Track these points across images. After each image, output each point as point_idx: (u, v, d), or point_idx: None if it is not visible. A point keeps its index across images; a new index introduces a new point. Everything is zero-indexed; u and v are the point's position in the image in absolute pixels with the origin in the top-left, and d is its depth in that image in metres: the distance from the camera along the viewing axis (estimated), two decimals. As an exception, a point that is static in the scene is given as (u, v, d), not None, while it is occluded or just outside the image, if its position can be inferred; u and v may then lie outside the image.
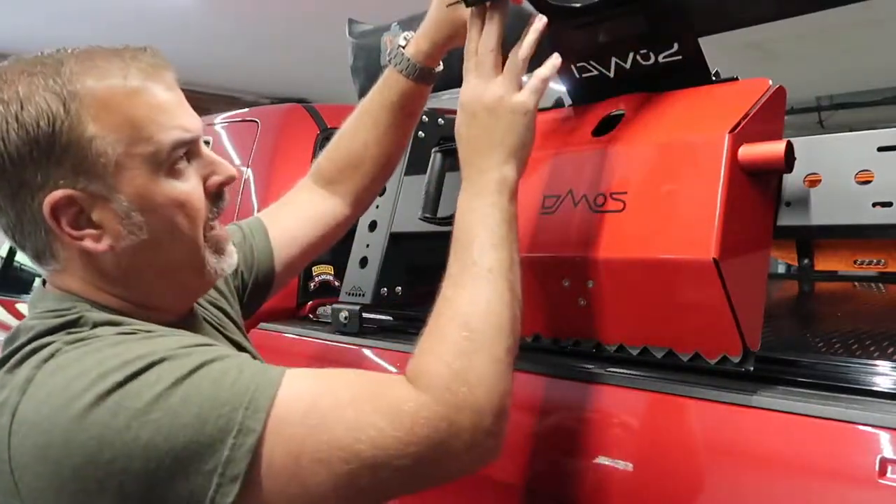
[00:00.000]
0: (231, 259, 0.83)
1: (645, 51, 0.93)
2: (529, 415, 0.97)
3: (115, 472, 0.61)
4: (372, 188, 1.12)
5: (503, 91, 0.80)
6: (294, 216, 1.08)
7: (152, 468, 0.61)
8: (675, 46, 0.91)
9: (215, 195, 0.80)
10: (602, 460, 0.87)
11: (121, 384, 0.63)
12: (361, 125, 1.07)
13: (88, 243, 0.72)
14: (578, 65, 1.00)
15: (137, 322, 0.74)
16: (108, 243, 0.73)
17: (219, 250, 0.81)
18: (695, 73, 0.93)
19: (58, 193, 0.70)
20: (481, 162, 0.79)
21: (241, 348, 0.93)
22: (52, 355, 0.68)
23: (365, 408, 0.66)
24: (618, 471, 0.85)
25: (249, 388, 0.65)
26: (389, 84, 1.03)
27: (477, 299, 0.72)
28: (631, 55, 0.95)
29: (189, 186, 0.76)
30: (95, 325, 0.72)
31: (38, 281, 0.81)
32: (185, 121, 0.76)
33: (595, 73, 0.99)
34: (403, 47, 1.01)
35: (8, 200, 0.72)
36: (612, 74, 0.98)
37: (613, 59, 0.97)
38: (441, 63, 1.03)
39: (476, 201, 0.78)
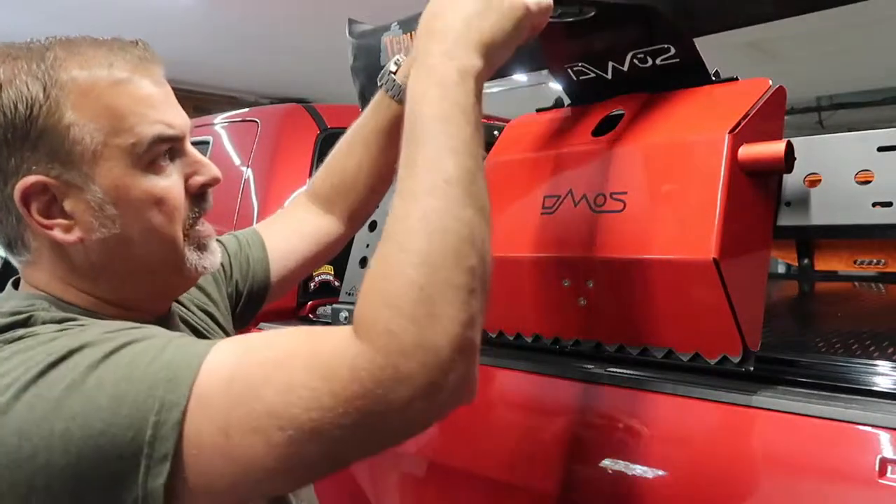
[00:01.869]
0: (214, 257, 0.80)
1: (642, 54, 0.93)
2: (529, 415, 0.97)
3: (39, 469, 0.58)
4: (367, 207, 1.10)
5: None
6: (291, 231, 1.07)
7: (73, 460, 0.58)
8: (672, 50, 0.91)
9: (197, 196, 0.78)
10: (601, 461, 0.87)
11: (39, 375, 0.60)
12: (355, 146, 1.05)
13: (58, 233, 0.70)
14: (575, 68, 1.00)
15: (90, 319, 0.71)
16: (79, 235, 0.71)
17: (201, 247, 0.79)
18: (693, 74, 0.93)
19: (30, 179, 0.68)
20: (448, 43, 0.66)
21: None
22: None
23: (296, 367, 0.59)
24: (617, 471, 0.85)
25: (171, 364, 0.60)
26: (381, 107, 1.02)
27: (430, 217, 0.59)
28: (629, 58, 0.95)
29: (168, 183, 0.74)
30: (42, 324, 0.68)
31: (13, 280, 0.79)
32: (170, 117, 0.74)
33: (592, 75, 0.99)
34: (394, 73, 0.99)
35: None
36: (609, 77, 0.98)
37: (611, 63, 0.97)
38: None
39: (434, 90, 0.64)
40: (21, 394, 0.60)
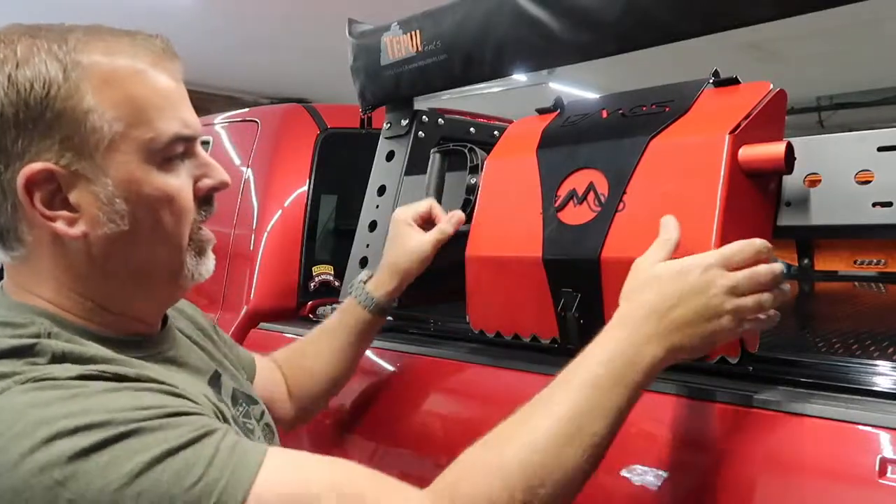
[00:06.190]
0: (210, 263, 0.77)
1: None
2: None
3: None
4: (320, 397, 1.10)
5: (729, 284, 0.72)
6: (269, 384, 1.05)
7: None
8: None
9: (203, 199, 0.75)
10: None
11: (69, 460, 0.55)
12: (322, 342, 1.10)
13: (61, 226, 0.66)
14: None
15: (98, 348, 0.66)
16: (83, 229, 0.67)
17: (201, 252, 0.76)
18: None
19: (37, 166, 0.64)
20: (655, 325, 0.71)
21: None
22: None
23: None
24: (617, 471, 0.85)
25: (213, 491, 0.57)
26: (348, 311, 1.10)
27: (560, 440, 0.67)
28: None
29: (179, 183, 0.71)
30: (54, 358, 0.62)
31: None
32: (187, 116, 0.72)
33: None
34: (365, 282, 1.09)
35: None
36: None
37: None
38: (397, 300, 1.11)
39: (619, 361, 0.70)
40: (41, 473, 0.54)
